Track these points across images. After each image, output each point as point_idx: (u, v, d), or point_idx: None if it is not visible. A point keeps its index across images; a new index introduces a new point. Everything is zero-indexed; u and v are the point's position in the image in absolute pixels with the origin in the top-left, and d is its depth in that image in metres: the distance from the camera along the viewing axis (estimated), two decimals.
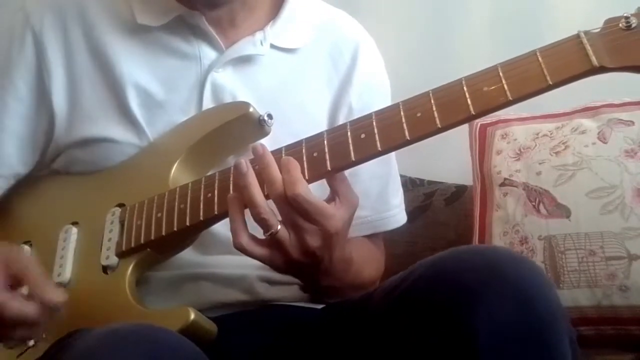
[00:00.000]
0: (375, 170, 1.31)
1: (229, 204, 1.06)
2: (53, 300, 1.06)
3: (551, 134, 1.62)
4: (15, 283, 1.08)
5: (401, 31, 1.95)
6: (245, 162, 1.06)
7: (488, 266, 0.95)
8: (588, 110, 1.63)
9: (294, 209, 1.03)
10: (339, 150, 1.05)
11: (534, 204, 1.55)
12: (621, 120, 1.58)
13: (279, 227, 1.04)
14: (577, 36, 0.97)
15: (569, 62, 0.96)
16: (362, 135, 1.04)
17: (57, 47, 1.26)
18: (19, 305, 1.06)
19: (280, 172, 1.04)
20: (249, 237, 1.05)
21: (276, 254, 1.06)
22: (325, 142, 1.07)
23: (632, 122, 1.56)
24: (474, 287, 0.93)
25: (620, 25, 0.96)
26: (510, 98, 0.97)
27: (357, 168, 1.15)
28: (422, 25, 1.96)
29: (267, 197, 1.05)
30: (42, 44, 1.26)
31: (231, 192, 1.09)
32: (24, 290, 1.09)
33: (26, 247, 1.25)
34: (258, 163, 1.06)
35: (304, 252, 1.05)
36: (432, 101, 1.01)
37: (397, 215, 1.38)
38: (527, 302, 0.91)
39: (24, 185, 1.33)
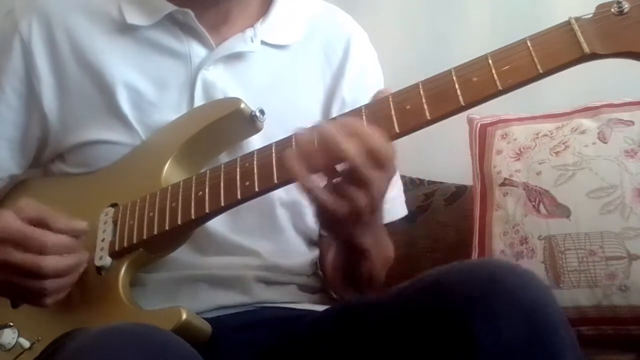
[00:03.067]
0: None
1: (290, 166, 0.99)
2: (77, 227, 1.11)
3: (551, 134, 1.61)
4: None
5: (399, 26, 1.95)
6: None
7: (489, 278, 0.94)
8: (588, 110, 1.63)
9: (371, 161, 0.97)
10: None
11: (534, 204, 1.54)
12: (621, 120, 1.57)
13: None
14: (568, 23, 0.96)
15: (560, 49, 0.95)
16: None
17: (45, 53, 1.26)
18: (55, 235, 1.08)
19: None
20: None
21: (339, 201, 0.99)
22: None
23: (632, 122, 1.56)
24: (474, 298, 0.92)
25: (612, 10, 0.95)
26: (500, 88, 0.96)
27: None
28: (420, 20, 1.96)
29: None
30: (30, 51, 1.25)
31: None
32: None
33: None
34: (323, 135, 0.98)
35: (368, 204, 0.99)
36: (422, 93, 1.00)
37: (391, 208, 1.32)
38: (529, 314, 0.90)
39: (17, 187, 1.33)
